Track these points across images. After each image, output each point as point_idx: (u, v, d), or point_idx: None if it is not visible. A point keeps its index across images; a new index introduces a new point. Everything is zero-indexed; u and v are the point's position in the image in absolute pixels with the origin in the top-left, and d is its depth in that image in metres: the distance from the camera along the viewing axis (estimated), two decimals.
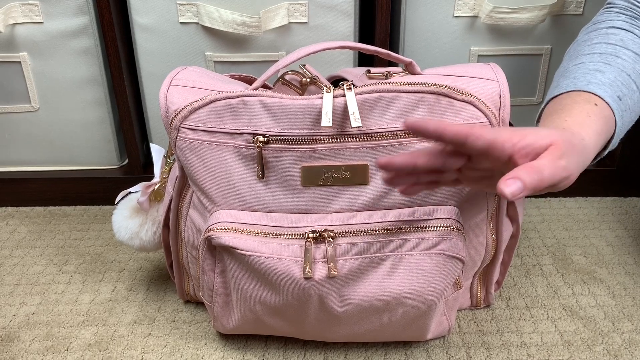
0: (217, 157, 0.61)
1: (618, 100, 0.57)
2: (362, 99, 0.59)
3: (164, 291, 0.81)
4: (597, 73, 0.58)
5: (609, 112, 0.56)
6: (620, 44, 0.61)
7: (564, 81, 0.60)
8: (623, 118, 0.57)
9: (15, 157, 1.02)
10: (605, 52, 0.60)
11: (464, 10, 0.90)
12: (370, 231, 0.60)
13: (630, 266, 0.84)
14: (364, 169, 0.60)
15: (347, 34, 0.91)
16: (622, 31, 0.62)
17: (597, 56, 0.60)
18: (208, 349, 0.70)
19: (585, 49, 0.62)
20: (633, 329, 0.72)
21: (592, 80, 0.58)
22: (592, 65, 0.59)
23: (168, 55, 0.92)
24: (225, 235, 0.60)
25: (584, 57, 0.61)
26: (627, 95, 0.58)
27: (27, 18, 0.90)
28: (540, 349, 0.69)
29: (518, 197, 0.44)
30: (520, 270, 0.83)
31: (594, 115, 0.54)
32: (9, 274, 0.85)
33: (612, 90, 0.57)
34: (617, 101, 0.57)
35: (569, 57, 0.64)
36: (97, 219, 0.98)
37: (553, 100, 0.59)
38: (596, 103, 0.56)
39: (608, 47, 0.61)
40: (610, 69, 0.59)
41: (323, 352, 0.70)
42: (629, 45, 0.61)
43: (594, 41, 0.62)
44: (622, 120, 0.57)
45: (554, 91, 0.60)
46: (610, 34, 0.62)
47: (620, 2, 0.65)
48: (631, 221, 0.95)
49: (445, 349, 0.70)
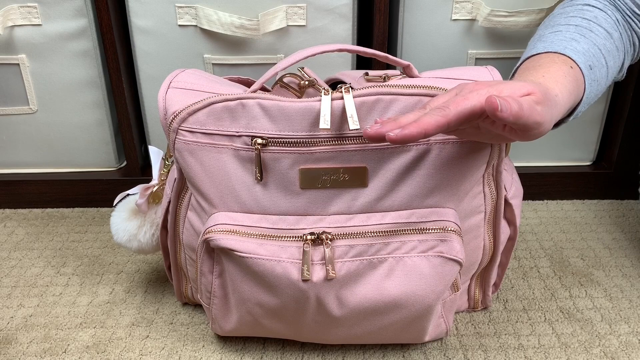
0: (216, 160, 0.61)
1: (589, 69, 0.60)
2: (360, 101, 0.59)
3: (162, 293, 0.81)
4: (573, 41, 0.62)
5: (581, 77, 0.59)
6: (594, 20, 0.65)
7: (541, 44, 0.63)
8: (591, 87, 0.61)
9: (14, 159, 1.02)
10: (581, 25, 0.64)
11: (462, 14, 0.90)
12: (368, 233, 0.60)
13: (627, 269, 0.84)
14: (362, 171, 0.60)
15: (346, 37, 0.91)
16: (596, 9, 0.66)
17: (573, 27, 0.64)
18: (206, 351, 0.70)
19: (562, 20, 0.66)
20: (630, 331, 0.72)
21: (568, 46, 0.61)
22: (569, 35, 0.63)
23: (167, 58, 0.92)
24: (223, 237, 0.60)
25: (560, 26, 0.65)
26: (597, 67, 0.61)
27: (26, 20, 0.90)
28: (538, 351, 0.70)
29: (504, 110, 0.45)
30: (517, 272, 0.84)
31: (569, 76, 0.57)
32: (6, 276, 0.85)
33: (585, 58, 0.61)
34: (589, 69, 0.60)
35: (545, 26, 0.68)
36: (95, 221, 0.98)
37: (530, 58, 0.62)
38: (571, 66, 0.59)
39: (583, 22, 0.65)
40: (584, 40, 0.62)
41: (321, 354, 0.70)
42: (601, 23, 0.65)
43: (570, 14, 0.66)
44: (590, 89, 0.61)
45: (530, 51, 0.64)
46: (585, 10, 0.66)
47: None
48: (628, 224, 0.95)
49: (442, 351, 0.70)
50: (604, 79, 0.64)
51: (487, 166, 0.62)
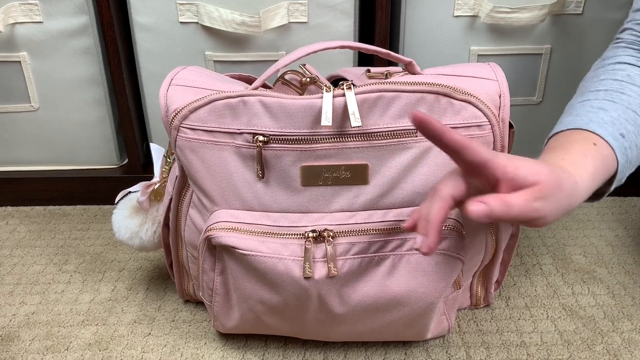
0: (217, 157, 0.61)
1: (620, 138, 0.56)
2: (362, 98, 0.59)
3: (164, 291, 0.81)
4: (600, 111, 0.58)
5: (609, 151, 0.56)
6: (627, 79, 0.61)
7: (567, 118, 0.60)
8: (627, 155, 0.57)
9: (15, 157, 1.02)
10: (611, 89, 0.60)
11: (464, 10, 0.90)
12: (370, 231, 0.60)
13: (629, 266, 0.84)
14: (364, 168, 0.60)
15: (347, 34, 0.91)
16: (629, 66, 0.62)
17: (603, 93, 0.60)
18: (208, 349, 0.70)
19: (592, 85, 0.62)
20: (633, 328, 0.72)
21: (593, 119, 0.58)
22: (597, 103, 0.59)
23: (168, 55, 0.92)
24: (225, 235, 0.60)
25: (589, 94, 0.61)
26: (632, 132, 0.58)
27: (27, 17, 0.90)
28: (540, 348, 0.69)
29: (480, 219, 0.45)
30: (519, 269, 0.84)
31: (590, 156, 0.54)
32: (8, 274, 0.85)
33: (614, 128, 0.57)
34: (619, 139, 0.56)
35: (578, 93, 0.64)
36: (97, 219, 0.98)
37: (555, 135, 0.59)
38: (595, 142, 0.55)
39: (614, 84, 0.61)
40: (614, 107, 0.58)
41: (323, 351, 0.70)
42: (635, 81, 0.61)
43: (600, 77, 0.62)
44: (625, 158, 0.57)
45: (557, 127, 0.60)
46: (617, 69, 0.62)
47: (627, 37, 0.65)
48: (631, 221, 0.95)
49: (445, 349, 0.70)
50: None
51: None
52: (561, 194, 0.48)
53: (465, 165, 0.49)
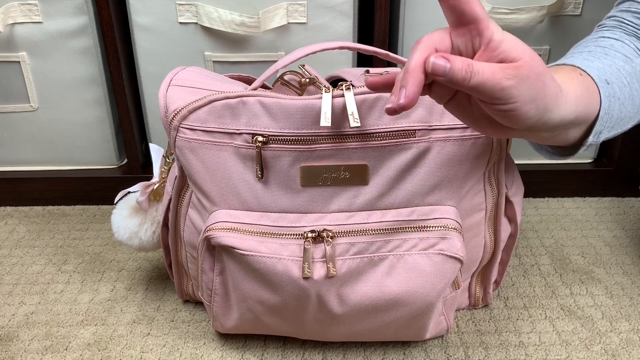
0: (216, 157, 0.61)
1: (605, 83, 0.54)
2: (361, 99, 0.59)
3: (163, 291, 0.81)
4: (585, 60, 0.57)
5: (594, 87, 0.53)
6: (610, 47, 0.60)
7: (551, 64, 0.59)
8: (610, 103, 0.54)
9: (14, 157, 1.02)
10: (595, 51, 0.60)
11: None
12: (369, 231, 0.60)
13: (627, 266, 0.84)
14: (363, 169, 0.60)
15: (346, 34, 0.91)
16: (612, 39, 0.62)
17: (586, 53, 0.59)
18: (207, 349, 0.71)
19: (575, 50, 0.62)
20: (631, 328, 0.72)
21: (579, 63, 0.56)
22: (581, 57, 0.58)
23: (167, 55, 0.92)
24: (224, 235, 0.60)
25: (572, 54, 0.61)
26: (616, 85, 0.55)
27: (27, 18, 0.90)
28: (538, 348, 0.70)
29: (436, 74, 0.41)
30: (518, 270, 0.84)
31: (577, 81, 0.51)
32: (7, 274, 0.85)
33: (599, 72, 0.55)
34: (604, 82, 0.54)
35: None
36: (96, 219, 0.98)
37: None
38: (581, 73, 0.53)
39: (598, 49, 0.60)
40: (598, 60, 0.57)
41: (322, 351, 0.70)
42: (618, 49, 0.60)
43: (583, 44, 0.62)
44: (608, 104, 0.54)
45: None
46: (600, 40, 0.62)
47: (610, 22, 0.66)
48: (629, 221, 0.95)
49: (443, 349, 0.70)
50: (629, 102, 0.56)
51: (488, 164, 0.62)
52: (539, 84, 0.44)
53: (456, 16, 0.44)
